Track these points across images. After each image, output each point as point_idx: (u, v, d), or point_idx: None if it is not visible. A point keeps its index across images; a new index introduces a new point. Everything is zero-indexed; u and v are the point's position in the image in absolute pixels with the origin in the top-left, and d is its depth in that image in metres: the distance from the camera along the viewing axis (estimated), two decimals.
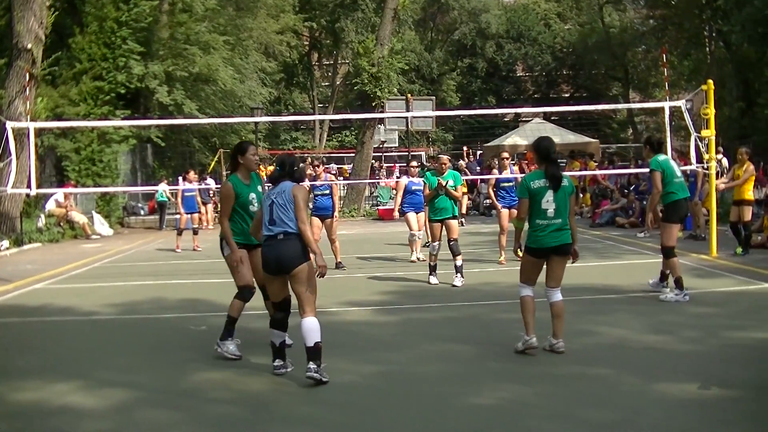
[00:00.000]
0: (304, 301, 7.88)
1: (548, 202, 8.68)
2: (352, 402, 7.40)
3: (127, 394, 7.79)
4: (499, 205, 17.42)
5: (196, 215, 22.76)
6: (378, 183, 36.37)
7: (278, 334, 8.11)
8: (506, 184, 17.38)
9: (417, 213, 17.26)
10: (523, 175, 12.48)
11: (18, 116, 22.57)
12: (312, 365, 7.73)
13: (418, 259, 17.44)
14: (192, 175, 22.79)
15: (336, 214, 17.18)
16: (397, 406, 7.24)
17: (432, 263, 14.59)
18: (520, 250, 9.15)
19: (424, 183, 14.86)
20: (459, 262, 14.27)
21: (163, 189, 29.90)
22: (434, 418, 6.93)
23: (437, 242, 14.47)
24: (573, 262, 9.14)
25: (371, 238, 23.42)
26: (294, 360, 8.23)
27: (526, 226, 9.01)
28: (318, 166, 18.33)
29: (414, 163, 20.10)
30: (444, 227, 14.31)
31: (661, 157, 12.38)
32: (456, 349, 9.29)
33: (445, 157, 15.32)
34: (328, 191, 17.06)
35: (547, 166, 8.77)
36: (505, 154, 18.22)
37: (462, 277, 14.22)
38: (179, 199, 22.52)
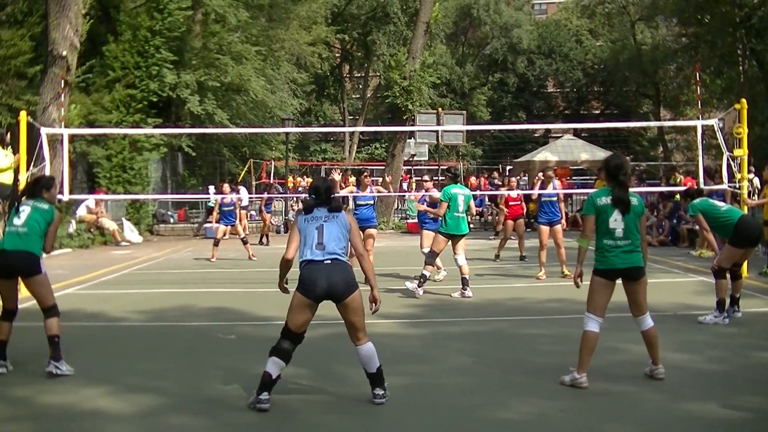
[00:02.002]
0: (359, 328, 7.52)
1: (616, 221, 8.20)
2: (377, 412, 7.43)
3: (154, 399, 7.86)
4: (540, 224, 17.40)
5: (228, 227, 22.62)
6: (407, 196, 36.33)
7: (279, 365, 7.46)
8: (548, 200, 17.28)
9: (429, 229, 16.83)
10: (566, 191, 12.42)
11: (52, 123, 22.75)
12: (379, 390, 7.57)
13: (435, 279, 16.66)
14: (226, 187, 22.77)
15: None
16: (421, 418, 7.27)
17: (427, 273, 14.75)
18: (566, 272, 8.91)
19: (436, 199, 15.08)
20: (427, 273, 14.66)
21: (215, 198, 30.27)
22: (458, 430, 6.96)
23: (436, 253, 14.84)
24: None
25: (400, 250, 23.43)
26: (310, 365, 8.24)
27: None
28: (366, 177, 18.01)
29: (426, 178, 19.92)
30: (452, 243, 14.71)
31: (696, 201, 12.28)
32: (481, 363, 9.30)
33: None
34: (371, 201, 16.97)
35: (615, 188, 8.28)
36: (550, 172, 18.19)
37: (419, 287, 14.51)
38: (215, 212, 22.64)
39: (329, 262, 7.42)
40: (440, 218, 14.93)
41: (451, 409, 7.51)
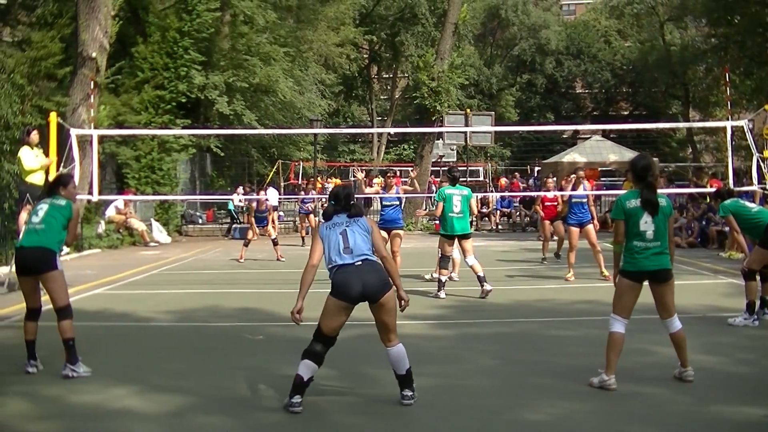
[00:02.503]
0: (391, 329, 7.51)
1: (646, 223, 8.14)
2: (404, 414, 7.43)
3: (182, 399, 7.90)
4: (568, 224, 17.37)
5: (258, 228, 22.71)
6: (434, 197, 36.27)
7: (312, 368, 7.39)
8: (578, 201, 17.24)
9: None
10: (596, 192, 12.34)
11: (81, 124, 22.90)
12: (408, 392, 7.57)
13: (450, 278, 16.19)
14: (243, 188, 22.83)
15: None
16: (447, 420, 7.26)
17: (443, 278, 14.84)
18: (605, 273, 8.75)
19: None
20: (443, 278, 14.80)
21: (239, 199, 30.46)
22: (484, 431, 6.96)
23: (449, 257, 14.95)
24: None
25: (429, 251, 23.36)
26: (339, 366, 8.25)
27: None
28: (391, 177, 17.96)
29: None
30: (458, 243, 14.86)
31: (727, 202, 12.22)
32: (508, 365, 9.30)
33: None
34: (397, 202, 16.94)
35: (643, 189, 8.24)
36: (581, 173, 18.13)
37: (438, 291, 14.69)
38: (252, 216, 22.75)
39: (360, 263, 7.40)
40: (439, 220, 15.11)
41: (478, 410, 7.51)
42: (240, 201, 31.06)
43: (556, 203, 20.92)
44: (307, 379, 7.37)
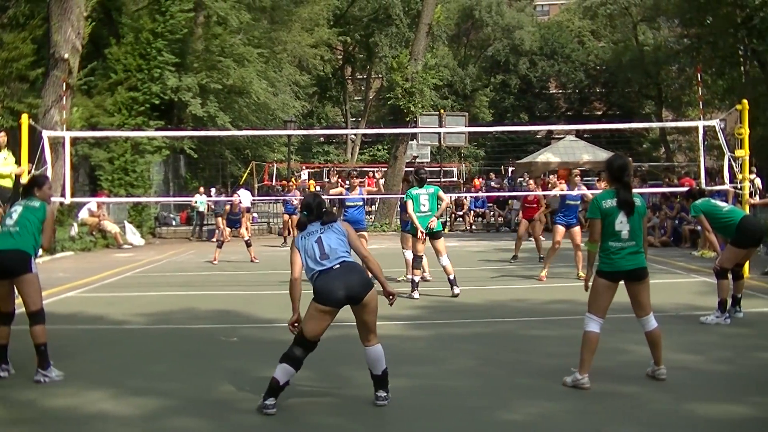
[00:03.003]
0: (371, 329, 7.55)
1: (621, 223, 8.18)
2: (382, 414, 7.42)
3: (159, 402, 7.84)
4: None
5: (231, 230, 22.72)
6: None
7: (289, 372, 7.36)
8: (573, 203, 17.22)
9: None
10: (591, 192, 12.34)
11: (54, 125, 22.76)
12: (382, 393, 7.58)
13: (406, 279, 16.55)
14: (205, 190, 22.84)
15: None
16: (426, 420, 7.25)
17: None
18: (581, 274, 8.87)
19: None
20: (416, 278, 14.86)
21: (201, 200, 30.40)
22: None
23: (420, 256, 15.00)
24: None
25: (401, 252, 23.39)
26: (316, 367, 8.23)
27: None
28: (355, 177, 18.00)
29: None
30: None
31: (698, 202, 12.25)
32: (486, 365, 9.29)
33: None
34: (360, 203, 16.95)
35: (619, 189, 8.27)
36: (576, 171, 18.15)
37: (412, 291, 14.68)
38: (225, 218, 22.78)
39: (338, 266, 7.39)
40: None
41: (456, 410, 7.50)
42: (197, 203, 31.02)
43: (536, 205, 20.99)
44: (283, 383, 7.33)
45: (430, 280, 16.51)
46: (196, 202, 31.09)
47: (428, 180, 15.40)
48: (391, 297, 7.69)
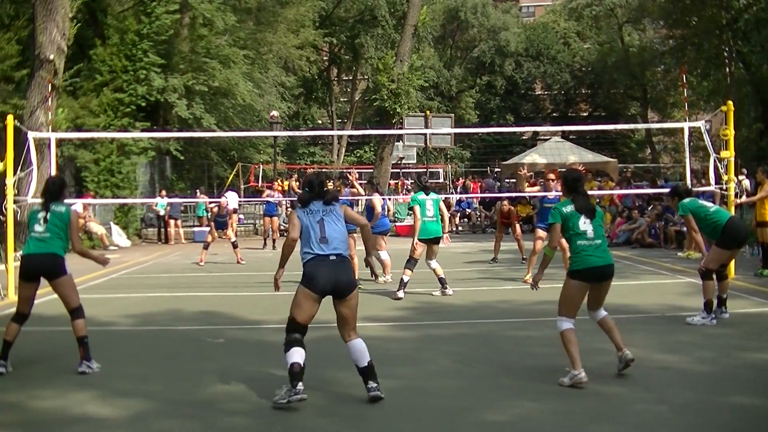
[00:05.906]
0: (351, 325, 7.77)
1: (585, 224, 8.40)
2: (366, 415, 7.45)
3: (144, 404, 7.86)
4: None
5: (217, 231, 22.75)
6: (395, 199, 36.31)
7: (302, 353, 7.55)
8: (549, 206, 17.25)
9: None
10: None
11: (39, 126, 22.66)
12: (373, 383, 7.67)
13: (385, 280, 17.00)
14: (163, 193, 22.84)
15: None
16: (410, 421, 7.28)
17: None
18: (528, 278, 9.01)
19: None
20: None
21: (162, 203, 30.36)
22: None
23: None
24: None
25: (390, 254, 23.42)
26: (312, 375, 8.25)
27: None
28: (336, 180, 18.09)
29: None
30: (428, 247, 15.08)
31: (686, 201, 12.24)
32: (470, 365, 9.33)
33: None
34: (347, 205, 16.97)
35: (576, 197, 8.54)
36: (551, 175, 18.23)
37: (398, 291, 14.79)
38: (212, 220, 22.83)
39: (335, 258, 7.67)
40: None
41: (440, 411, 7.53)
42: (156, 207, 31.01)
43: (509, 220, 21.11)
44: (303, 363, 7.52)
45: (390, 282, 16.69)
46: (156, 205, 30.98)
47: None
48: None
